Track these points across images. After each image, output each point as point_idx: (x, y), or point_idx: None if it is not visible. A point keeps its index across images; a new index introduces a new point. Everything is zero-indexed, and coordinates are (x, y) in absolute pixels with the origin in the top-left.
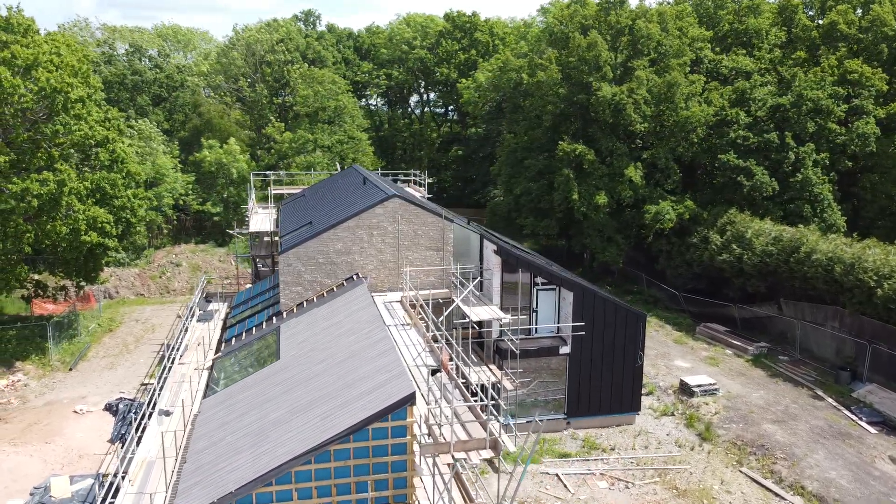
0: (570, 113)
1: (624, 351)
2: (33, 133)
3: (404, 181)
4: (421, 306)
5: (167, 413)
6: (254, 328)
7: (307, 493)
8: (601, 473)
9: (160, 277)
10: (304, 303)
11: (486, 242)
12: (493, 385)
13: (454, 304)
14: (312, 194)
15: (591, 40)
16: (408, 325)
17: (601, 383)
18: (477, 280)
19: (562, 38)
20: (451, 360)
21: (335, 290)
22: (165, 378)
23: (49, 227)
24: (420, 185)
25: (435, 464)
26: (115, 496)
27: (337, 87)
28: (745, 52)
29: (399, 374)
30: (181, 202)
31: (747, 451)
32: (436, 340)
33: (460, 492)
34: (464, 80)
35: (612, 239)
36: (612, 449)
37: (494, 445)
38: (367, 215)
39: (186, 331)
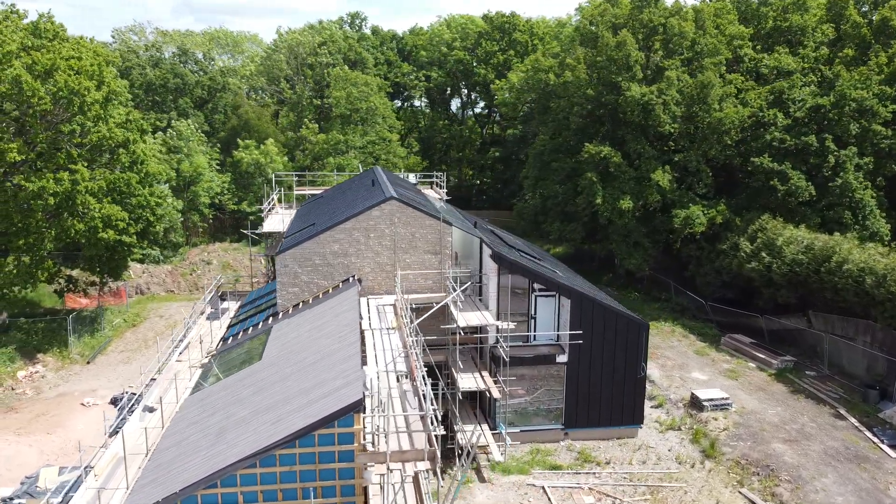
0: (600, 114)
1: (625, 361)
2: (53, 133)
3: (427, 183)
4: (401, 310)
5: (151, 409)
6: (251, 328)
7: (253, 497)
8: (589, 488)
9: (190, 275)
10: (301, 304)
11: (484, 247)
12: (482, 392)
13: (436, 308)
14: (330, 195)
15: (620, 39)
16: (393, 329)
17: (601, 394)
18: (476, 285)
19: (591, 38)
20: (424, 366)
21: (331, 291)
22: (156, 374)
23: (68, 223)
24: (441, 186)
25: (388, 471)
26: (76, 490)
27: (369, 88)
28: (788, 50)
29: (352, 381)
30: (217, 201)
31: (751, 470)
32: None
33: (417, 501)
34: (497, 81)
35: (638, 244)
36: (608, 463)
37: (433, 457)
38: (364, 217)
39: (190, 329)
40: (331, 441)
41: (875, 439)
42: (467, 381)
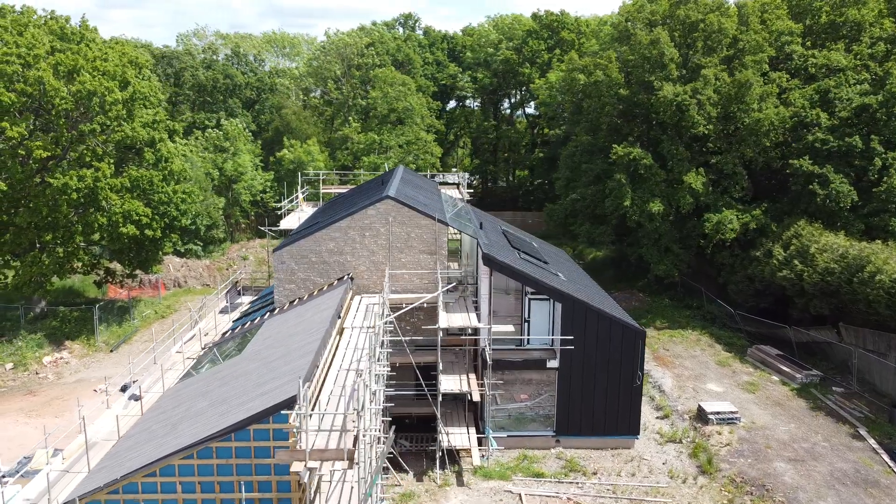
0: (633, 115)
1: (620, 369)
2: (77, 132)
3: (451, 184)
4: (383, 309)
5: (136, 398)
6: (249, 322)
7: (191, 488)
8: (568, 498)
9: (226, 269)
10: (297, 300)
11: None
12: (467, 395)
13: (412, 306)
14: (349, 194)
15: (654, 37)
16: (376, 328)
17: (594, 402)
18: (471, 286)
19: (627, 36)
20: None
21: (325, 289)
22: (149, 364)
23: (92, 218)
24: (468, 186)
25: (333, 470)
26: (20, 472)
27: (406, 88)
28: (841, 46)
29: (295, 379)
30: (259, 199)
31: (745, 489)
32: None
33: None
34: (538, 80)
35: (669, 250)
36: (594, 473)
37: (350, 457)
38: (360, 216)
39: (198, 322)
40: (266, 436)
41: (891, 463)
42: (449, 382)
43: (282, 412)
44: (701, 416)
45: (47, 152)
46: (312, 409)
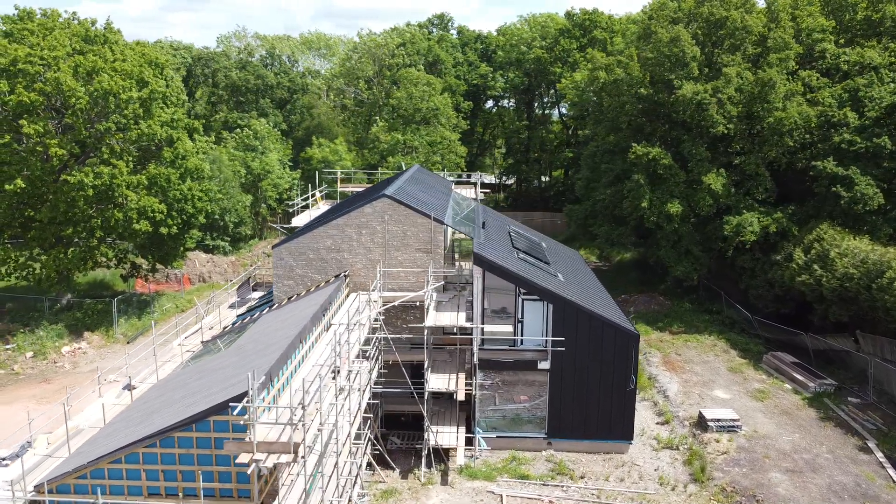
0: (654, 114)
1: (613, 372)
2: (95, 131)
3: (472, 183)
4: (368, 307)
5: (130, 387)
6: (249, 317)
7: (154, 475)
8: (550, 501)
9: (250, 265)
10: (295, 296)
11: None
12: (453, 395)
13: (396, 303)
14: (364, 193)
15: (674, 34)
16: (359, 324)
17: (586, 405)
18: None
19: (649, 34)
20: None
21: (322, 286)
22: (148, 356)
23: (108, 214)
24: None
25: (277, 463)
26: (20, 456)
27: (431, 88)
28: (877, 44)
29: (258, 372)
30: (286, 196)
31: (735, 499)
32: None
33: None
34: (564, 80)
35: (689, 252)
36: (582, 477)
37: (295, 450)
38: (357, 214)
39: (203, 316)
40: (225, 428)
41: None
42: (438, 381)
43: (246, 405)
44: (701, 423)
45: (63, 150)
46: (274, 403)
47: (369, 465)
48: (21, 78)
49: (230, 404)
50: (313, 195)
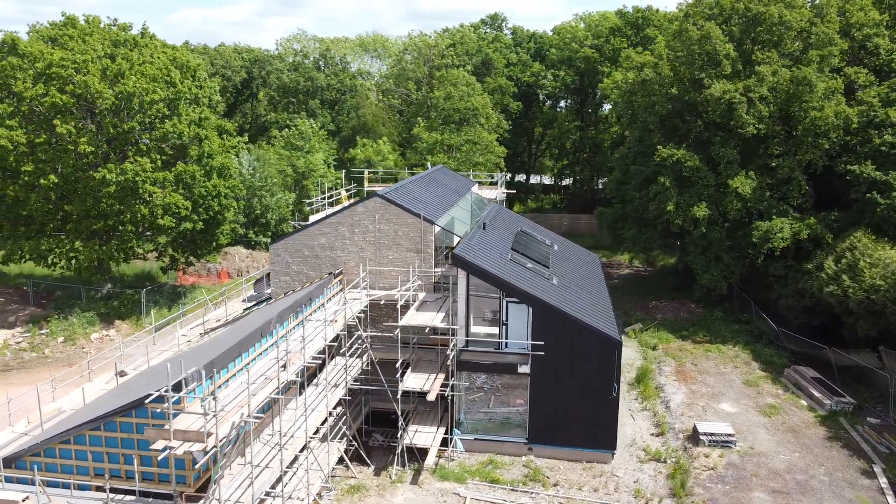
0: (686, 114)
1: (596, 380)
2: (121, 130)
3: (491, 183)
4: (345, 306)
5: (122, 373)
6: (250, 312)
7: (100, 457)
8: None
9: None
10: (290, 291)
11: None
12: (423, 395)
13: (367, 303)
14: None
15: (704, 31)
16: (326, 321)
17: (568, 412)
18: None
19: (682, 32)
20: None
21: (315, 282)
22: (148, 344)
23: (135, 209)
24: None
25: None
26: None
27: (470, 88)
28: None
29: (199, 363)
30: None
31: None
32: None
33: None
34: (606, 80)
35: (719, 258)
36: (555, 485)
37: (204, 439)
38: (349, 213)
39: (211, 309)
40: (163, 416)
41: None
42: (415, 381)
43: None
44: (694, 437)
45: (92, 148)
46: (213, 394)
47: (341, 460)
48: (55, 81)
49: (179, 393)
50: (339, 193)
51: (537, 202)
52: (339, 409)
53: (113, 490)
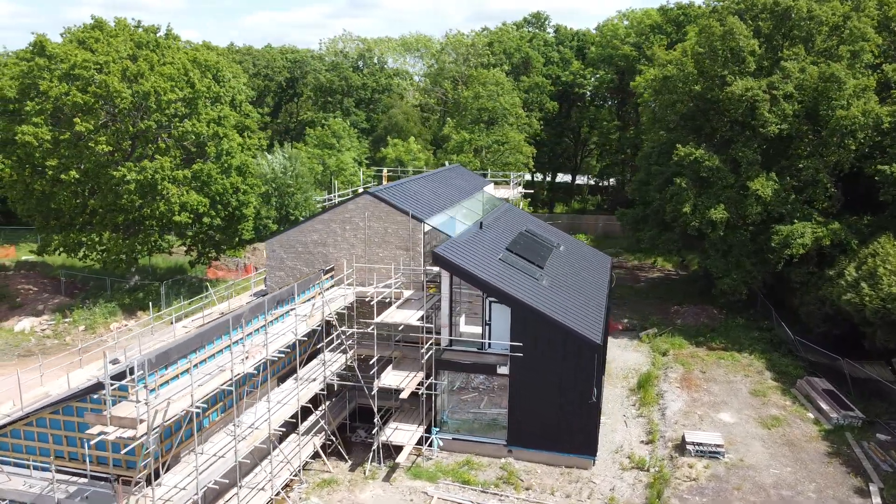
0: (708, 113)
1: (574, 383)
2: (139, 128)
3: (507, 183)
4: (322, 302)
5: (115, 361)
6: (251, 305)
7: (59, 440)
8: None
9: None
10: (285, 287)
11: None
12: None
13: (341, 298)
14: None
15: (727, 27)
16: (297, 316)
17: (547, 415)
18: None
19: (704, 28)
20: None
21: (308, 278)
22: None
23: (153, 205)
24: (520, 185)
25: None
26: None
27: (500, 88)
28: None
29: (151, 352)
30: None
31: None
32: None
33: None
34: (638, 78)
35: (740, 263)
36: (528, 489)
37: (135, 426)
38: (340, 210)
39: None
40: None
41: None
42: (390, 378)
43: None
44: (682, 446)
45: (110, 146)
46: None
47: (317, 454)
48: (78, 81)
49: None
50: (354, 191)
51: (582, 203)
52: (326, 403)
53: (68, 472)
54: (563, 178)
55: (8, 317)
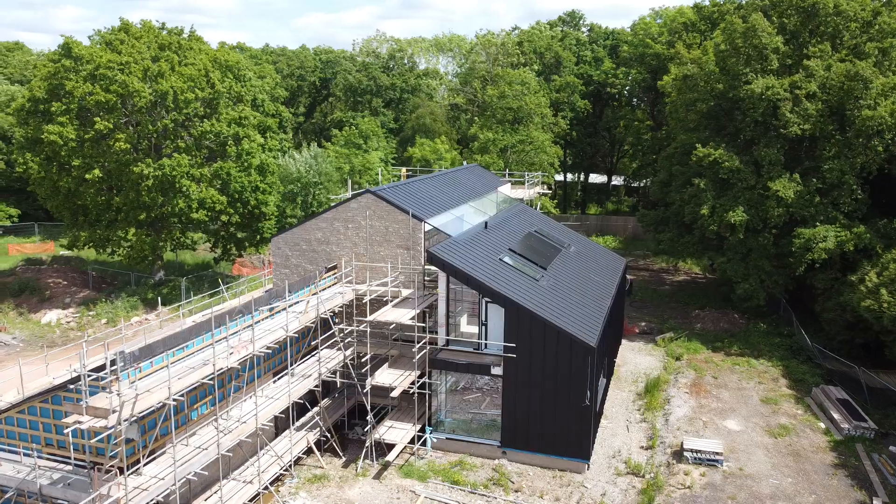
0: (730, 112)
1: (569, 386)
2: (158, 127)
3: (525, 183)
4: (310, 301)
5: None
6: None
7: (49, 428)
8: None
9: None
10: (288, 284)
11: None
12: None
13: (338, 296)
14: None
15: (750, 23)
16: (288, 312)
17: (541, 417)
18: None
19: (727, 25)
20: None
21: (308, 276)
22: (154, 328)
23: (173, 202)
24: (542, 184)
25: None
26: None
27: (525, 87)
28: None
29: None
30: None
31: None
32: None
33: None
34: (666, 77)
35: (759, 267)
36: (516, 491)
37: (106, 416)
38: (343, 208)
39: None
40: (96, 391)
41: None
42: (384, 376)
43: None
44: (680, 453)
45: (129, 144)
46: (117, 376)
47: (310, 450)
48: (101, 81)
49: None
50: (366, 190)
51: (617, 204)
52: (324, 400)
53: (56, 459)
54: (599, 178)
55: (37, 309)
